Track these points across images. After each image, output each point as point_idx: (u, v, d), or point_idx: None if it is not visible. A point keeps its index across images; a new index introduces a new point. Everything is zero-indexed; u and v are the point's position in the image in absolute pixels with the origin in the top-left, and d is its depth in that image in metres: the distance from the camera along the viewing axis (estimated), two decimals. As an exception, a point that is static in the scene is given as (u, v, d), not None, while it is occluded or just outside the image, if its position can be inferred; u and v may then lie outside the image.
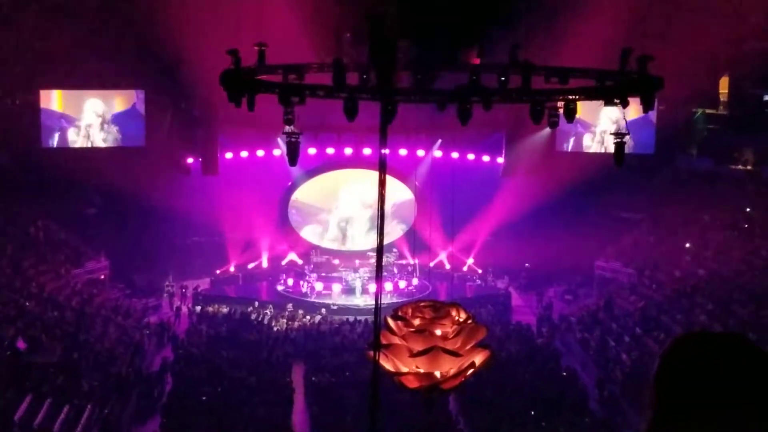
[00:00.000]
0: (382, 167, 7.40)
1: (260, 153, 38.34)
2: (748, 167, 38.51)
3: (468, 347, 7.66)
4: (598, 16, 29.92)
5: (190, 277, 37.93)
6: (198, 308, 34.91)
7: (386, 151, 7.56)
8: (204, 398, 25.38)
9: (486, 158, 39.45)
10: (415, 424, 21.44)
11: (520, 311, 36.33)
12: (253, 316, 33.77)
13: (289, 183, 39.90)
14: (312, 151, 37.08)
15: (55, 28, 32.04)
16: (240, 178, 37.38)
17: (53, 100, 35.43)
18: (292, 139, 15.43)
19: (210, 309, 34.74)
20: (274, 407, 25.15)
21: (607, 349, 30.36)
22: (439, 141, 38.64)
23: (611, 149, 17.62)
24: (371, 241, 39.62)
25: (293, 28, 27.54)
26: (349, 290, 36.18)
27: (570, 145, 37.96)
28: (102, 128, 36.06)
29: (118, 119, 36.34)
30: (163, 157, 36.12)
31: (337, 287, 36.18)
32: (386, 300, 31.90)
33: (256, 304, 35.11)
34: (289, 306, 34.70)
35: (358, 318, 32.68)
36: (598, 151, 37.16)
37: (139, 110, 36.23)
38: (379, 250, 7.37)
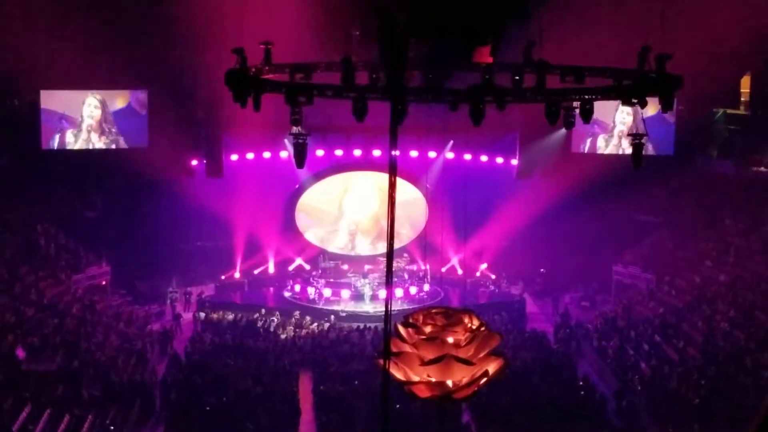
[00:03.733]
0: (393, 169, 7.06)
1: (266, 155, 37.89)
2: (771, 169, 37.91)
3: (481, 355, 7.43)
4: (615, 12, 29.57)
5: (194, 283, 37.58)
6: (202, 315, 34.35)
7: (396, 152, 7.20)
8: (208, 408, 24.93)
9: (500, 160, 38.91)
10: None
11: (535, 318, 35.77)
12: (260, 324, 33.23)
13: (297, 186, 39.32)
14: (320, 152, 36.73)
15: (56, 26, 31.48)
16: (245, 180, 36.84)
17: (54, 100, 34.86)
18: (300, 141, 15.12)
19: (215, 316, 34.19)
20: (281, 417, 24.73)
21: (626, 357, 29.73)
22: (451, 142, 38.04)
23: (629, 150, 17.42)
24: (381, 246, 38.98)
25: (300, 25, 27.21)
26: (358, 296, 35.59)
27: (586, 147, 37.58)
28: (104, 129, 35.61)
29: (120, 120, 35.86)
30: (166, 158, 35.56)
31: (345, 293, 35.62)
32: (396, 306, 31.76)
33: (263, 311, 34.45)
34: (296, 313, 34.07)
35: (368, 325, 32.01)
36: (615, 152, 36.82)
37: (136, 109, 35.71)
38: (389, 255, 7.01)
